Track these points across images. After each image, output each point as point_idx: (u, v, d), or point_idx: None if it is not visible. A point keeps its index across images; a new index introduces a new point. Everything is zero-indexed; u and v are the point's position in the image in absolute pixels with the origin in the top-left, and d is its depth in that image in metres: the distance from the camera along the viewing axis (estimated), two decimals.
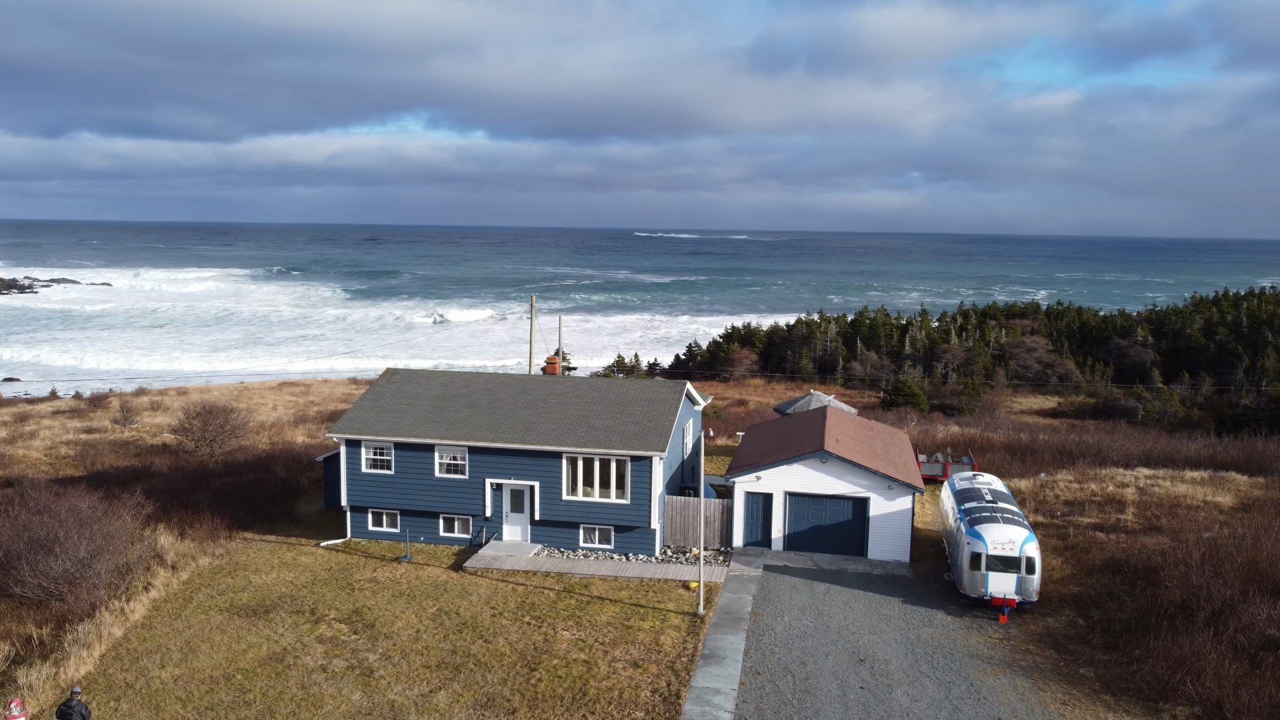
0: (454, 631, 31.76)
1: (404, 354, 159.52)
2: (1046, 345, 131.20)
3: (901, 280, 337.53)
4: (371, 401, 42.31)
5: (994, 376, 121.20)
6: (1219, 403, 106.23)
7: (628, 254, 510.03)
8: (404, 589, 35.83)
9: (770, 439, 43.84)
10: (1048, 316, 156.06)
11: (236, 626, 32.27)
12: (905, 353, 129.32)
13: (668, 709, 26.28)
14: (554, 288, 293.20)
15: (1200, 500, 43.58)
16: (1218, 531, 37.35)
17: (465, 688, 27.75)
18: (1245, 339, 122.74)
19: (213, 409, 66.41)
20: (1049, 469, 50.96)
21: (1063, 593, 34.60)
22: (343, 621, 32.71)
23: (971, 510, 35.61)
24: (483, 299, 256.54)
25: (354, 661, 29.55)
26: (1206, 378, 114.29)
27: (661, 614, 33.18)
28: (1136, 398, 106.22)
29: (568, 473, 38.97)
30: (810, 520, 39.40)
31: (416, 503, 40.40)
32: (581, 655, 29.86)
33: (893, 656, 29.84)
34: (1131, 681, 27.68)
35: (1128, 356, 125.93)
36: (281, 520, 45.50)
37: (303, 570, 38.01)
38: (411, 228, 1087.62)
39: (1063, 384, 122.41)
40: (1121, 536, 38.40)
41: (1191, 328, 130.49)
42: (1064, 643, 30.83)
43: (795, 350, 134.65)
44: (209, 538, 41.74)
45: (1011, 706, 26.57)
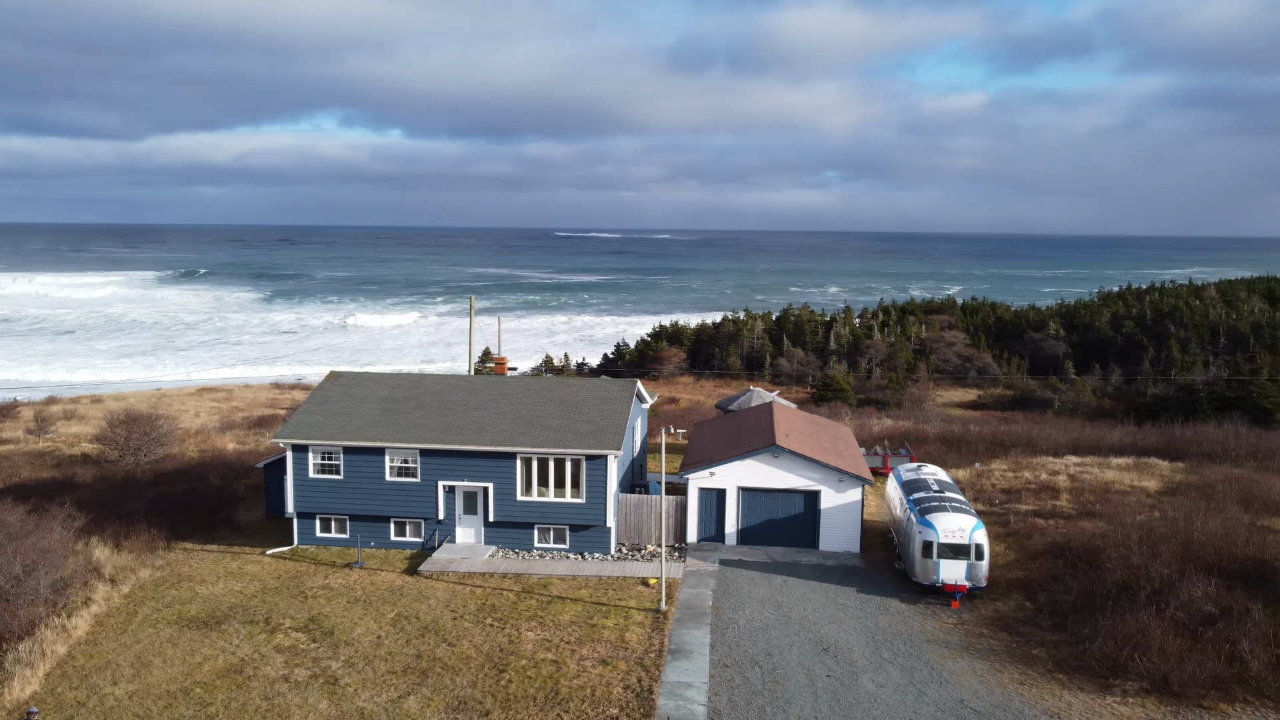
0: (416, 636, 31.41)
1: (324, 358, 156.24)
2: (965, 340, 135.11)
3: (821, 278, 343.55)
4: (317, 405, 41.49)
5: (916, 370, 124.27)
6: (1128, 392, 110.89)
7: (550, 254, 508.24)
8: (359, 595, 35.26)
9: (720, 435, 44.34)
10: (964, 312, 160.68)
11: (188, 639, 31.36)
12: (830, 349, 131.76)
13: (641, 705, 26.46)
14: (477, 288, 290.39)
15: (1128, 485, 45.56)
16: (1149, 515, 39.11)
17: (435, 692, 27.49)
18: (1150, 331, 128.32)
19: (136, 417, 64.14)
20: (983, 459, 52.63)
21: (1009, 577, 35.84)
22: (300, 630, 32.05)
23: (921, 500, 36.62)
24: (404, 301, 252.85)
25: (317, 670, 29.00)
26: (1116, 368, 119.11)
27: (624, 611, 33.33)
28: (1052, 389, 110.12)
29: (522, 473, 38.82)
30: (763, 514, 39.99)
31: (367, 507, 39.76)
32: (549, 655, 29.83)
33: (855, 644, 30.54)
34: (1082, 660, 28.86)
35: (1042, 349, 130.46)
36: (222, 529, 44.29)
37: (251, 579, 37.09)
38: (326, 228, 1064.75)
39: (981, 377, 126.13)
40: (1060, 522, 39.93)
41: (1100, 321, 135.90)
42: (1015, 625, 31.96)
43: (723, 348, 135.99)
44: (147, 549, 40.43)
45: (973, 688, 27.45)
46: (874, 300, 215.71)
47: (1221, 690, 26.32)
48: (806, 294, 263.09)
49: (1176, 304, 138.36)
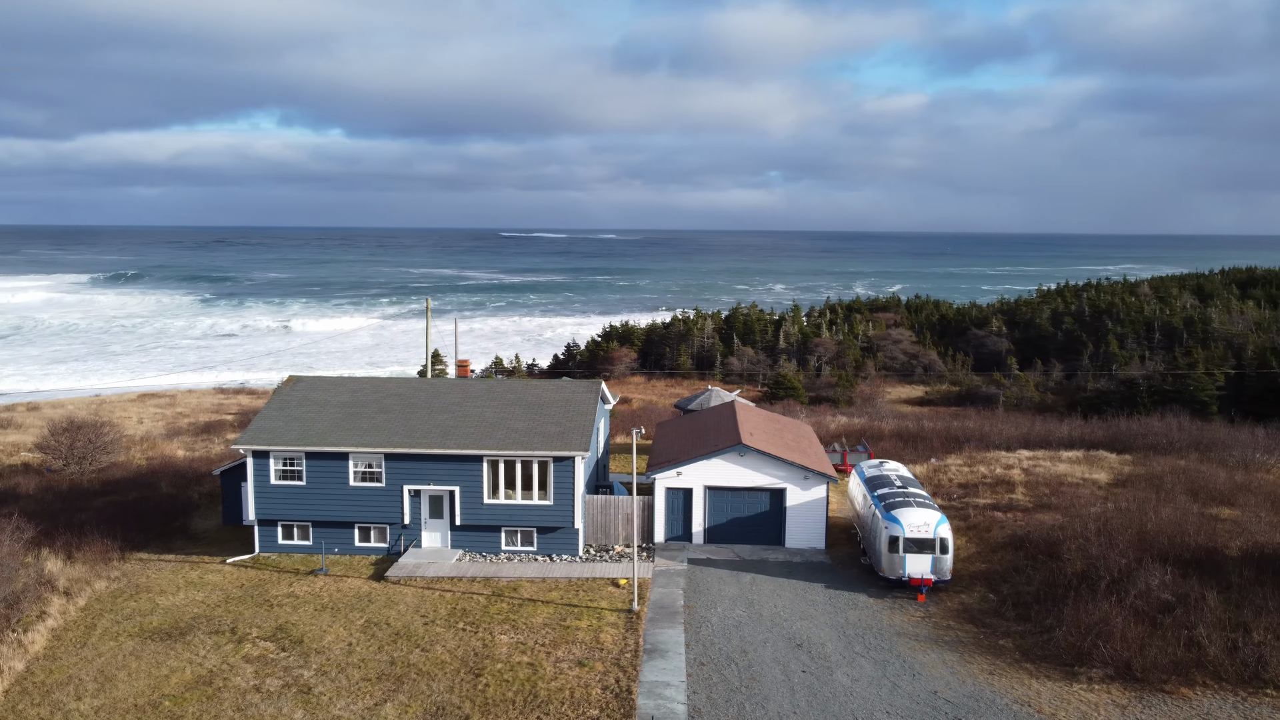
0: (388, 642, 31.10)
1: (268, 363, 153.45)
2: (911, 337, 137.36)
3: (767, 277, 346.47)
4: (277, 410, 40.81)
5: (864, 368, 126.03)
6: (1069, 387, 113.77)
7: (496, 255, 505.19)
8: (326, 602, 34.79)
9: (684, 435, 44.58)
10: (908, 310, 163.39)
11: (152, 651, 30.68)
12: (780, 347, 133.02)
13: (621, 705, 26.54)
14: (423, 290, 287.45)
15: (1080, 478, 46.81)
16: (1101, 506, 40.23)
17: (411, 698, 27.26)
18: (1088, 327, 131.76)
19: (80, 424, 62.40)
20: (939, 454, 53.64)
21: (971, 570, 36.61)
22: (267, 639, 31.53)
23: (885, 496, 37.23)
24: (347, 303, 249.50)
25: (289, 679, 28.57)
26: (1057, 364, 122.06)
27: (596, 612, 33.36)
28: (996, 384, 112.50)
29: (489, 476, 38.63)
30: (729, 513, 40.31)
31: (330, 513, 39.23)
32: (524, 658, 29.75)
33: (827, 640, 30.96)
34: (1048, 649, 29.62)
35: (985, 346, 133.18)
36: (177, 538, 43.36)
37: (212, 589, 36.38)
38: (265, 229, 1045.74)
39: (927, 373, 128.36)
40: (1018, 514, 40.90)
41: (1040, 318, 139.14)
42: (980, 617, 32.68)
43: (674, 348, 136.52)
44: (101, 561, 39.42)
45: (945, 679, 28.01)
46: (819, 299, 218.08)
47: (1182, 675, 27.22)
48: (754, 293, 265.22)
49: (1113, 300, 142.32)
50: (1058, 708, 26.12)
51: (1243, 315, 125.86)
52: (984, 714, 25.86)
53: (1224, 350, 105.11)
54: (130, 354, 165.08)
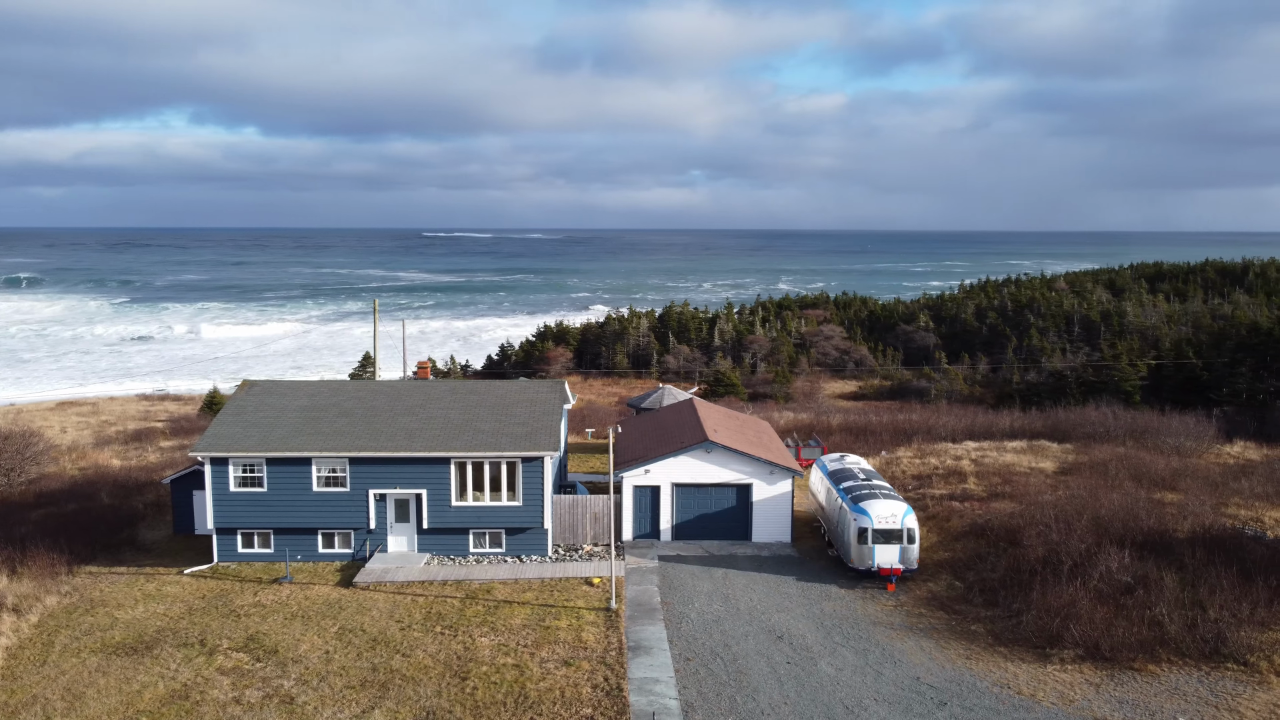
0: (366, 649, 30.64)
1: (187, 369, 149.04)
2: (842, 333, 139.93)
3: (695, 275, 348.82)
4: (234, 416, 39.80)
5: (798, 364, 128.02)
6: (996, 379, 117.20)
7: (421, 255, 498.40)
8: (295, 611, 34.09)
9: (647, 433, 44.80)
10: (837, 306, 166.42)
11: (119, 667, 29.69)
12: (715, 344, 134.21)
13: (613, 703, 26.63)
14: (347, 291, 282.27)
15: (1027, 467, 48.40)
16: (1053, 494, 41.69)
17: (399, 704, 26.93)
18: (1011, 321, 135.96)
19: (7, 435, 59.92)
20: (889, 447, 54.86)
21: (934, 559, 37.60)
22: (239, 650, 30.78)
23: (851, 489, 38.00)
24: (268, 306, 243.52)
25: (269, 690, 27.96)
26: (982, 357, 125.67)
27: (574, 611, 33.37)
28: (926, 378, 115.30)
29: (457, 478, 38.29)
30: (696, 509, 40.67)
31: (293, 520, 38.42)
32: (509, 660, 29.62)
33: (806, 631, 31.51)
34: (1018, 632, 30.63)
35: (913, 341, 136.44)
36: (126, 550, 41.97)
37: (173, 601, 35.32)
38: (176, 230, 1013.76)
39: (859, 368, 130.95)
40: (974, 504, 42.11)
41: (965, 313, 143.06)
42: (949, 604, 33.62)
43: (609, 346, 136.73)
44: (48, 575, 37.93)
45: (924, 665, 28.78)
46: (747, 296, 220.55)
47: (1147, 653, 28.42)
48: (683, 291, 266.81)
49: (1033, 295, 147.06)
50: (1035, 688, 27.07)
51: (1156, 309, 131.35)
52: (966, 697, 26.66)
53: (1137, 342, 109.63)
54: (41, 360, 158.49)
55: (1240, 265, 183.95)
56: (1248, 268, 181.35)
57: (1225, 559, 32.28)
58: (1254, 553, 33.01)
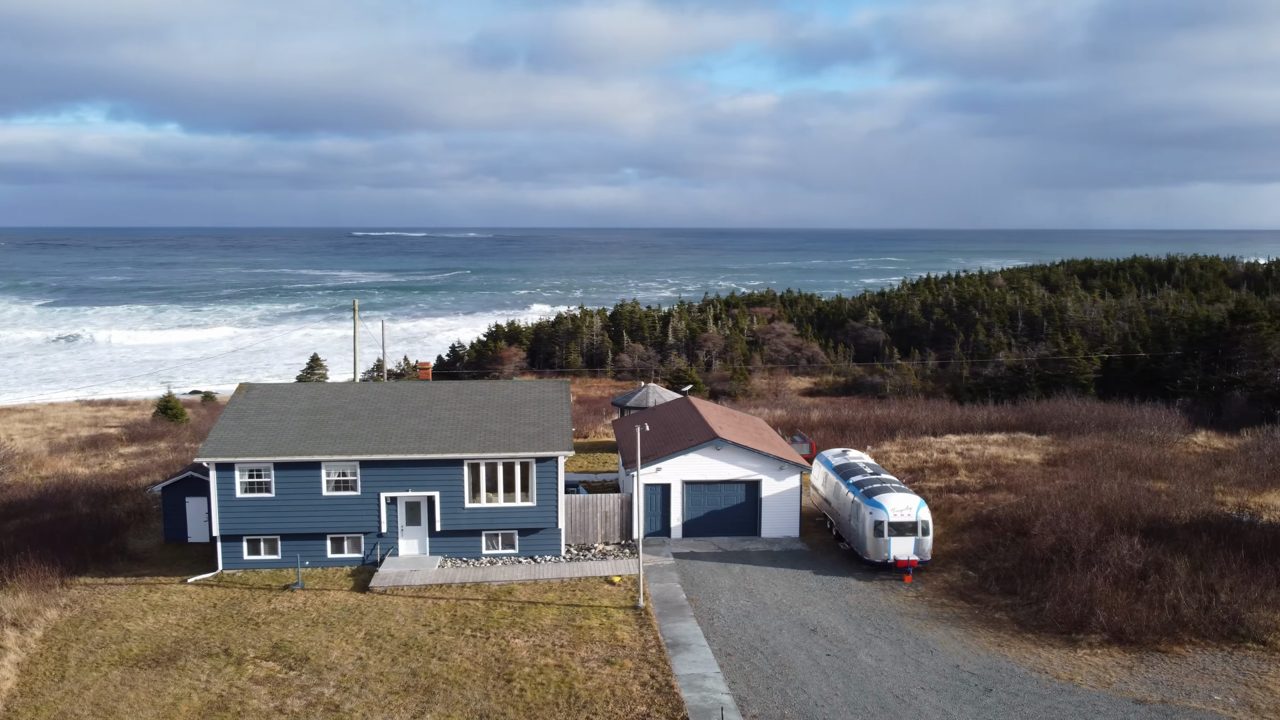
0: (400, 654, 30.25)
1: (116, 374, 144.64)
2: (793, 330, 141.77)
3: (637, 275, 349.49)
4: (235, 420, 38.86)
5: (751, 361, 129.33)
6: (943, 374, 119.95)
7: (357, 254, 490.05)
8: (315, 617, 33.46)
9: (650, 432, 44.87)
10: (784, 303, 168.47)
11: (145, 679, 28.83)
12: (669, 343, 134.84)
13: (667, 700, 26.74)
14: (279, 292, 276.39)
15: (1013, 459, 49.76)
16: (1049, 484, 42.94)
17: (450, 708, 26.67)
18: (957, 317, 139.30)
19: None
20: (874, 442, 55.86)
21: (943, 550, 38.48)
22: (268, 659, 30.13)
23: (862, 483, 38.66)
24: (198, 308, 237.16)
25: (311, 698, 27.45)
26: (931, 353, 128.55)
27: (602, 611, 33.38)
28: (880, 374, 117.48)
29: (470, 479, 37.97)
30: (706, 506, 40.97)
31: (302, 525, 37.67)
32: (549, 660, 29.52)
33: (837, 623, 32.03)
34: (1041, 619, 31.56)
35: (863, 337, 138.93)
36: (117, 559, 40.65)
37: (184, 611, 34.38)
38: (92, 230, 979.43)
39: (811, 365, 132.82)
40: (972, 495, 43.18)
41: (912, 309, 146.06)
42: (968, 593, 34.46)
43: (563, 345, 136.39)
44: (39, 587, 36.56)
45: (960, 654, 29.49)
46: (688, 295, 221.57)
47: (1169, 635, 29.56)
48: (623, 289, 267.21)
49: (977, 292, 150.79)
50: (1071, 672, 27.96)
51: (1095, 305, 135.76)
52: (1008, 683, 27.41)
53: (1077, 336, 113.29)
54: None
55: (1165, 262, 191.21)
56: (1173, 264, 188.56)
57: (1230, 544, 33.69)
58: (1251, 537, 34.52)
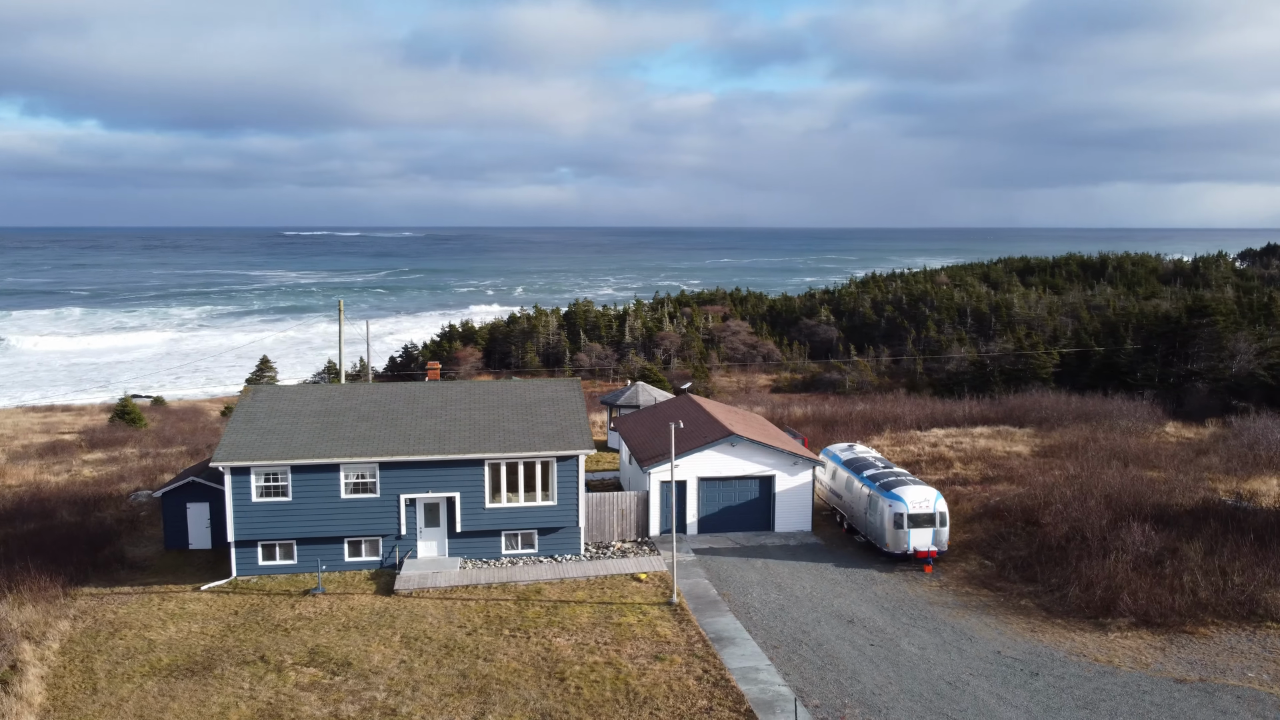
0: (443, 656, 29.99)
1: (47, 381, 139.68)
2: (748, 328, 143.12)
3: (574, 274, 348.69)
4: (245, 424, 38.02)
5: (708, 359, 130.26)
6: (898, 370, 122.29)
7: (287, 254, 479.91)
8: (345, 622, 32.96)
9: (655, 430, 45.08)
10: (735, 301, 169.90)
11: (185, 689, 28.13)
12: (626, 341, 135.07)
13: (725, 694, 26.99)
14: (214, 293, 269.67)
15: (1003, 451, 51.12)
16: (1045, 475, 44.22)
17: (510, 708, 26.55)
18: (907, 314, 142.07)
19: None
20: (863, 437, 56.81)
21: (956, 540, 39.40)
22: (308, 665, 29.62)
23: (877, 477, 39.40)
24: (127, 311, 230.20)
25: (364, 703, 27.08)
26: (885, 349, 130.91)
27: (636, 608, 33.49)
28: (838, 370, 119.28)
29: (490, 480, 37.75)
30: (721, 502, 41.32)
31: (320, 529, 37.03)
32: (597, 658, 29.56)
33: (871, 614, 32.63)
34: (1066, 605, 32.57)
35: (817, 334, 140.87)
36: (117, 569, 39.50)
37: (205, 619, 33.57)
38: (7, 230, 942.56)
39: (766, 362, 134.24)
40: (975, 487, 44.29)
41: (863, 306, 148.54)
42: (989, 582, 35.39)
43: (519, 345, 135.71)
44: (44, 599, 35.39)
45: (998, 641, 30.30)
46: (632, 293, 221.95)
47: (1192, 618, 30.78)
48: (569, 289, 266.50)
49: (925, 289, 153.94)
50: (1109, 655, 28.95)
51: (1040, 300, 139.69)
52: (1051, 667, 28.27)
53: (1024, 331, 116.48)
54: None
55: (1098, 259, 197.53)
56: (1105, 261, 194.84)
57: (1237, 528, 35.16)
58: (1256, 521, 36.06)
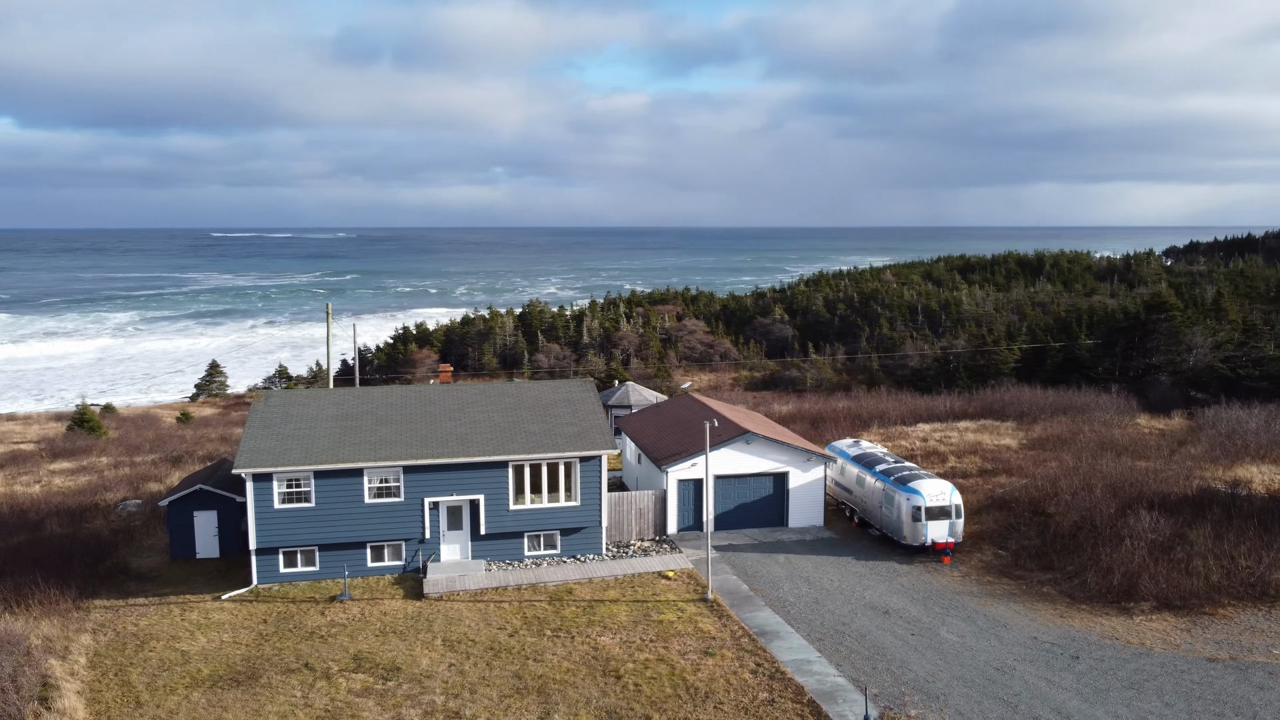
0: (491, 659, 29.96)
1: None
2: (704, 327, 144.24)
3: (516, 275, 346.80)
4: (262, 429, 37.39)
5: (666, 358, 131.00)
6: (854, 367, 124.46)
7: (217, 256, 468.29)
8: (381, 627, 32.68)
9: (665, 429, 45.48)
10: (686, 301, 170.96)
11: (236, 699, 27.67)
12: (584, 342, 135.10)
13: (785, 686, 27.48)
14: (142, 297, 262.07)
15: (992, 445, 52.62)
16: (1043, 467, 45.68)
17: (574, 707, 26.68)
18: (860, 311, 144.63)
19: None
20: (851, 433, 57.89)
21: (966, 532, 40.48)
22: (356, 671, 29.34)
23: (890, 471, 40.34)
24: (61, 315, 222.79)
25: (424, 707, 26.95)
26: (839, 346, 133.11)
27: (672, 605, 33.82)
28: (796, 368, 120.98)
29: (514, 481, 37.73)
30: (736, 499, 41.86)
31: (344, 534, 36.62)
32: (647, 655, 29.82)
33: (904, 604, 33.45)
34: (1087, 591, 33.81)
35: (772, 333, 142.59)
36: (125, 580, 38.52)
37: (235, 628, 32.98)
38: None
39: (723, 360, 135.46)
40: (976, 480, 45.54)
41: (816, 305, 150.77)
42: (1007, 571, 36.53)
43: (476, 346, 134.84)
44: (55, 613, 34.41)
45: (1031, 627, 31.33)
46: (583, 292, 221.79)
47: (1209, 600, 32.22)
48: (513, 289, 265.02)
49: (876, 287, 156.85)
50: (1140, 637, 30.18)
51: (987, 298, 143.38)
52: (1089, 650, 29.36)
53: (973, 328, 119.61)
54: None
55: (1035, 257, 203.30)
56: (1042, 260, 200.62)
57: (1240, 514, 36.83)
58: (1255, 506, 37.81)
